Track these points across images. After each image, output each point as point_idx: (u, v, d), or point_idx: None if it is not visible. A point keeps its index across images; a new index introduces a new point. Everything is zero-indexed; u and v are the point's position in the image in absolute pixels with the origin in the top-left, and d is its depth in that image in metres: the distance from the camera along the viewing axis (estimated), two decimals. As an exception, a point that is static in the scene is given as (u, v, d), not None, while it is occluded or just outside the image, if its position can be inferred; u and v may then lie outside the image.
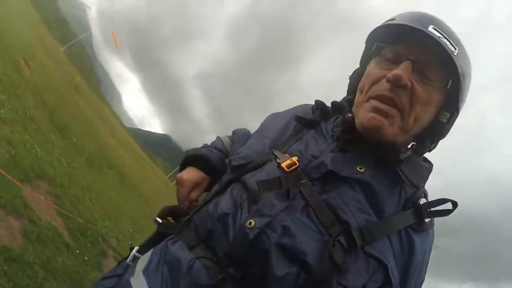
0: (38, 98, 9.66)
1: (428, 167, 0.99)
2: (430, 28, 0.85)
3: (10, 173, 4.37)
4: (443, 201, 0.90)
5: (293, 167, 0.92)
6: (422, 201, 0.91)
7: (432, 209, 0.89)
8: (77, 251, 4.32)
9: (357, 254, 0.79)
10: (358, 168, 0.89)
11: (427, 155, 1.01)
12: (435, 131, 0.94)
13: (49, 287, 3.05)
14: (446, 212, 0.90)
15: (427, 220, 0.90)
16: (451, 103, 0.91)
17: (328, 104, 1.13)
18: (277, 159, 0.96)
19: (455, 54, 0.85)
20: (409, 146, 0.98)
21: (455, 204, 0.88)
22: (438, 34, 0.85)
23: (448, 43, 0.86)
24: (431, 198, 0.93)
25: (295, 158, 0.94)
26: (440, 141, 0.98)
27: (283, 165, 0.93)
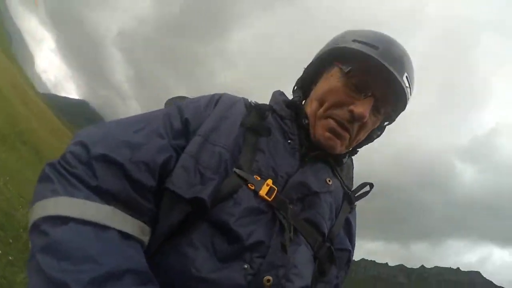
0: None
1: (351, 164, 1.17)
2: (404, 78, 0.95)
3: None
4: (364, 185, 1.09)
5: (273, 194, 0.86)
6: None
7: (357, 194, 1.09)
8: (-1, 251, 4.03)
9: (335, 258, 0.95)
10: (327, 181, 0.99)
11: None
12: (366, 141, 1.12)
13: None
14: (367, 193, 1.09)
15: (355, 203, 1.09)
16: (384, 125, 1.11)
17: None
18: (249, 185, 0.85)
19: (409, 97, 1.01)
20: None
21: (371, 185, 1.08)
22: (407, 84, 0.97)
23: (409, 90, 0.99)
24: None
25: (270, 182, 0.87)
26: None
27: (262, 193, 0.85)
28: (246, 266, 0.77)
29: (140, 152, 0.80)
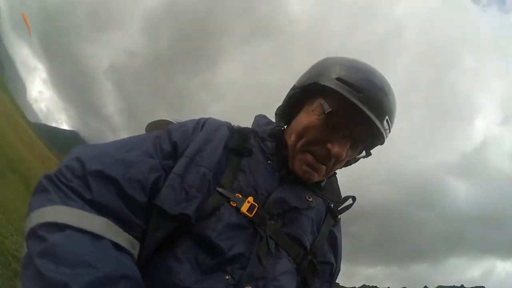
0: None
1: (335, 179, 1.19)
2: (384, 122, 0.98)
3: None
4: (346, 198, 1.13)
5: (254, 210, 0.91)
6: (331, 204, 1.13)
7: (340, 208, 1.13)
8: (-13, 276, 4.00)
9: (318, 270, 0.99)
10: (307, 198, 1.03)
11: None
12: (344, 165, 1.14)
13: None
14: (350, 206, 1.13)
15: (339, 216, 1.12)
16: (360, 156, 1.13)
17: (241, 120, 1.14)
18: (231, 203, 0.90)
19: (387, 136, 1.04)
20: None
21: (354, 199, 1.12)
22: (386, 127, 1.00)
23: (388, 131, 1.02)
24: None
25: (251, 199, 0.92)
26: None
27: (243, 210, 0.90)
28: (227, 277, 0.82)
29: (133, 170, 0.84)
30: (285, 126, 1.13)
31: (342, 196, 1.14)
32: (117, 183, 0.81)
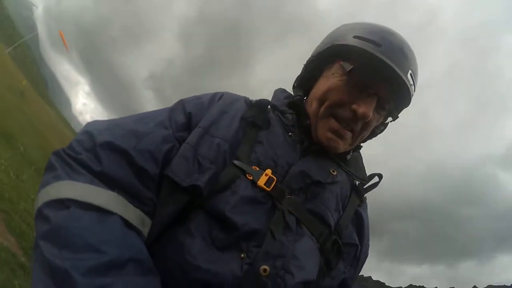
0: (-20, 106, 8.98)
1: (359, 156, 1.12)
2: (408, 75, 0.92)
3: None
4: (372, 176, 1.05)
5: (273, 184, 0.84)
6: (356, 182, 1.05)
7: (365, 186, 1.04)
8: (34, 272, 4.06)
9: (342, 252, 0.91)
10: (331, 171, 0.95)
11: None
12: (369, 137, 1.07)
13: (7, 314, 2.85)
14: (376, 184, 1.05)
15: (365, 196, 1.05)
16: (388, 121, 1.05)
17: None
18: (247, 175, 0.84)
19: (413, 94, 0.97)
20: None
21: (380, 176, 1.04)
22: (411, 81, 0.93)
23: (413, 87, 0.95)
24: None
25: (269, 172, 0.85)
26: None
27: (260, 183, 0.83)
28: (243, 255, 0.75)
29: (145, 141, 0.80)
30: (305, 98, 1.07)
31: (367, 175, 1.07)
32: (127, 154, 0.77)
